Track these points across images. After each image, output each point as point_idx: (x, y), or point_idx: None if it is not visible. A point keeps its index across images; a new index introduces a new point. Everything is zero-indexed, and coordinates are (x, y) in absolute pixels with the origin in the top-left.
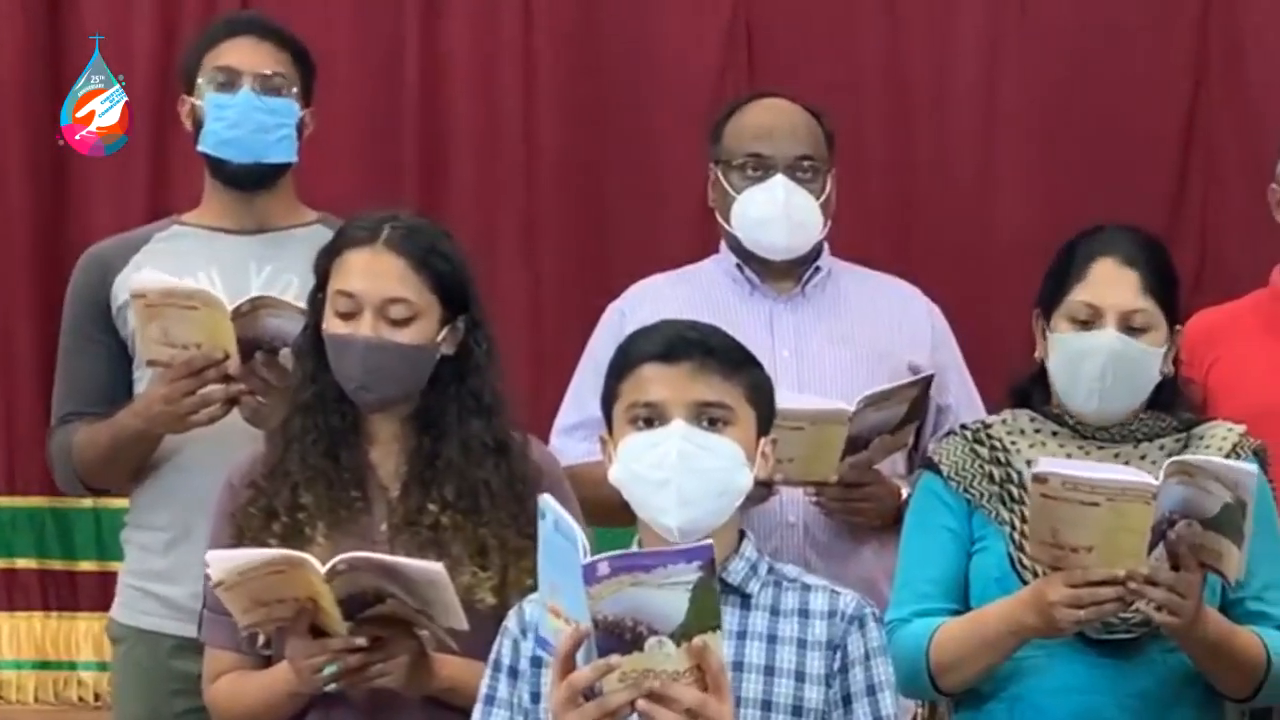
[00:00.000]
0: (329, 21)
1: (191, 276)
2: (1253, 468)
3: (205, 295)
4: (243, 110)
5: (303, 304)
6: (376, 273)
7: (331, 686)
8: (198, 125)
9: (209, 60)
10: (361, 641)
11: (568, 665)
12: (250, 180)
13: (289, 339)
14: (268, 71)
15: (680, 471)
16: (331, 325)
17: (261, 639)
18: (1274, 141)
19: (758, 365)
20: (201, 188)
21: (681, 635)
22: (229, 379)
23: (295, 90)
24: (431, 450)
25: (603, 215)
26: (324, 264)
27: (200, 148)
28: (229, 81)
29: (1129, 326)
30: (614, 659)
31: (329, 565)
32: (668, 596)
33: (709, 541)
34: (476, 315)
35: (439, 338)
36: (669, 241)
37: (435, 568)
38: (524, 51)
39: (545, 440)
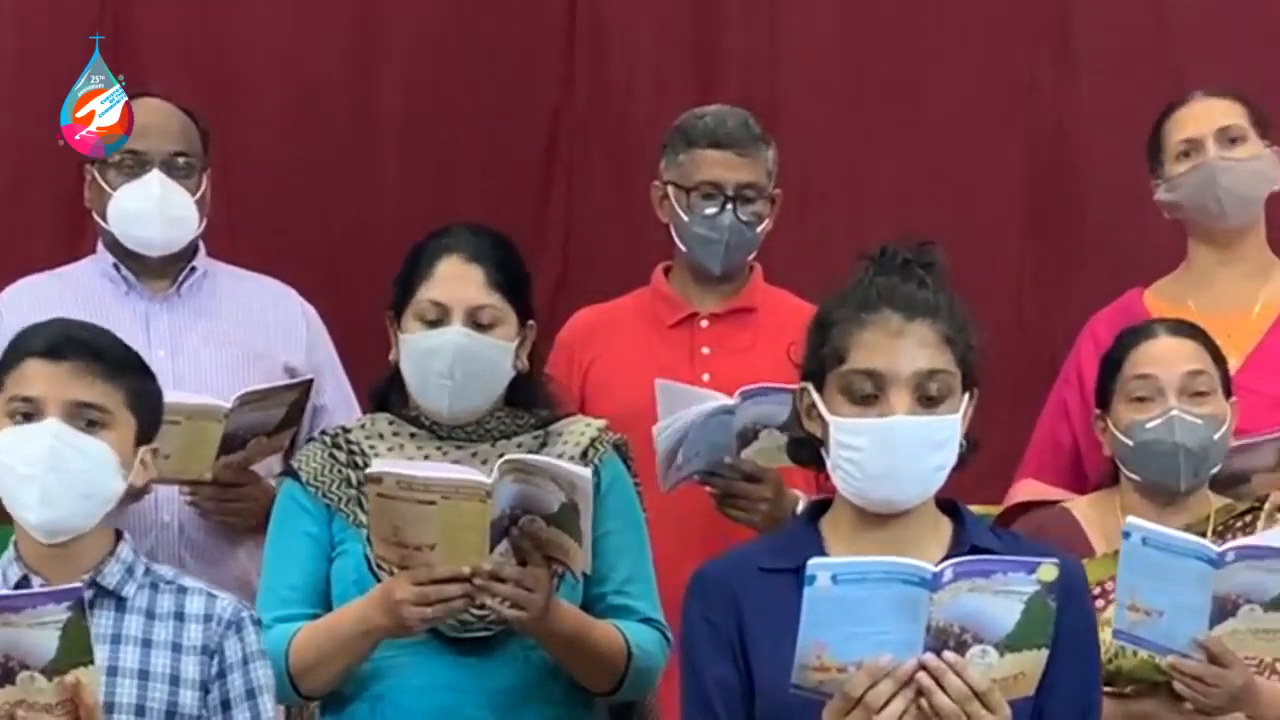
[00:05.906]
0: None
1: None
2: (586, 472)
3: None
4: None
5: None
6: None
7: None
8: None
9: None
10: None
11: None
12: None
13: None
14: None
15: (47, 470)
16: None
17: None
18: (637, 143)
19: (147, 374)
20: None
21: (53, 670)
22: None
23: None
24: None
25: None
26: None
27: None
28: None
29: (476, 323)
30: None
31: None
32: (38, 635)
33: (79, 585)
34: None
35: None
36: (34, 243)
37: None
38: None
39: None
